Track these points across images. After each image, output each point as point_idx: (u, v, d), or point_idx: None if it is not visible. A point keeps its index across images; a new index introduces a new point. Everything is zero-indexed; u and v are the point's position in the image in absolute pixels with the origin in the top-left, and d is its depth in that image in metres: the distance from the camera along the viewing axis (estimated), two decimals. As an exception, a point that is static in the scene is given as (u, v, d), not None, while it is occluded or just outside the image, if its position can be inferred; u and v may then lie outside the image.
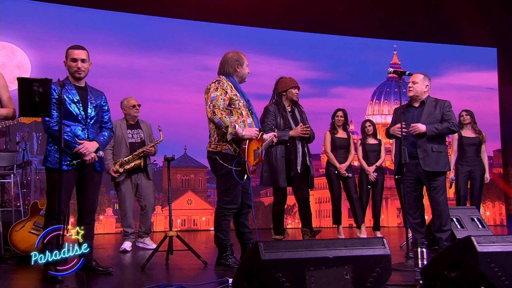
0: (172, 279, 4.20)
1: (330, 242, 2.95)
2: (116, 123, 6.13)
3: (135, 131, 6.25)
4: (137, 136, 6.23)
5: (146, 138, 6.24)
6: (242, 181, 4.40)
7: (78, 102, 4.21)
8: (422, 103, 5.33)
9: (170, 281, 4.06)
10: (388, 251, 2.99)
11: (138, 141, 6.21)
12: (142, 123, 6.35)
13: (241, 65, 4.60)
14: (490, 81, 11.68)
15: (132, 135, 6.22)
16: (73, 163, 4.10)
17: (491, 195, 11.37)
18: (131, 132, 6.23)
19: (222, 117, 4.26)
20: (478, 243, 3.07)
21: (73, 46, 4.37)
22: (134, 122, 6.30)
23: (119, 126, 6.17)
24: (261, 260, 2.72)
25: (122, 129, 6.18)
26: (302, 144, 5.85)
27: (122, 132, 6.16)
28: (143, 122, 6.39)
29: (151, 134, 6.33)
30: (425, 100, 5.32)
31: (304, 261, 2.80)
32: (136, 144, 6.17)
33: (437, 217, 5.17)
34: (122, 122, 6.24)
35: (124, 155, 6.10)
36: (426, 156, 5.17)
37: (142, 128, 6.30)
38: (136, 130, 6.26)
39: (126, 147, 6.13)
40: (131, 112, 6.24)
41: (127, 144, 6.14)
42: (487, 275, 3.02)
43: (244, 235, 4.65)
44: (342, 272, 2.87)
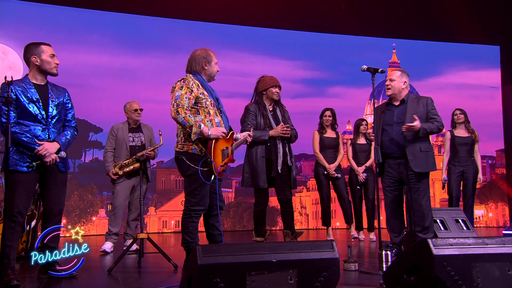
0: (136, 283, 4.11)
1: (276, 245, 2.84)
2: (118, 126, 6.34)
3: (136, 135, 6.32)
4: (138, 139, 6.31)
5: (146, 141, 6.30)
6: (209, 182, 4.27)
7: (38, 101, 4.11)
8: (402, 101, 5.16)
9: (131, 285, 3.98)
10: (337, 254, 2.87)
11: (139, 145, 6.28)
12: (144, 127, 6.42)
13: (209, 63, 4.48)
14: (493, 80, 11.42)
15: (133, 139, 6.29)
16: (32, 164, 4.00)
17: (494, 196, 11.13)
18: (132, 136, 6.30)
19: (186, 116, 4.14)
20: (435, 246, 2.95)
21: (43, 42, 4.30)
22: (136, 125, 6.36)
23: (121, 129, 6.30)
24: (198, 264, 2.61)
25: (123, 132, 6.28)
26: (283, 144, 5.72)
27: (123, 136, 6.26)
28: (145, 126, 6.45)
29: (152, 138, 6.37)
30: (406, 98, 5.15)
31: (244, 265, 2.69)
32: (136, 148, 6.23)
33: (420, 218, 4.99)
34: (124, 126, 6.35)
35: (125, 158, 6.19)
36: (415, 156, 4.99)
37: (144, 132, 6.36)
38: (137, 133, 6.33)
39: (126, 150, 6.22)
40: (133, 116, 6.32)
41: (128, 147, 6.23)
42: (443, 279, 2.89)
43: (215, 237, 4.52)
44: (286, 277, 2.75)
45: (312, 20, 10.32)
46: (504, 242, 3.08)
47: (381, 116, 5.13)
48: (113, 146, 6.27)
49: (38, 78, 4.22)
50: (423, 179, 5.03)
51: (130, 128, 6.32)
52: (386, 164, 5.11)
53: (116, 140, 6.25)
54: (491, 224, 10.96)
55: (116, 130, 6.31)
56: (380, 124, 5.11)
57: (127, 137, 6.25)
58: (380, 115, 5.15)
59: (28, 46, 4.25)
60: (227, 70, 9.67)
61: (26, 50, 4.24)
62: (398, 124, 5.05)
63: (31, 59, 4.20)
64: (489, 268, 2.99)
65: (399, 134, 5.02)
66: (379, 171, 5.12)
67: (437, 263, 2.89)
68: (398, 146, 5.06)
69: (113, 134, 6.30)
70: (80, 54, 8.91)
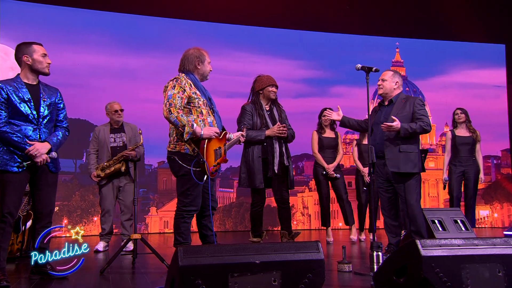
0: (126, 284, 4.08)
1: (260, 247, 2.79)
2: (100, 128, 6.35)
3: (118, 135, 6.28)
4: (120, 140, 6.27)
5: (128, 141, 6.25)
6: (202, 182, 4.24)
7: (29, 101, 4.08)
8: (391, 101, 5.13)
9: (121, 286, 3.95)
10: (322, 255, 2.82)
11: (120, 145, 6.25)
12: (126, 126, 6.36)
13: (202, 62, 4.44)
14: (498, 79, 11.32)
15: (114, 139, 6.26)
16: (23, 164, 3.98)
17: (499, 197, 11.03)
18: (114, 136, 6.27)
19: (179, 116, 4.11)
20: (423, 247, 2.89)
21: (34, 42, 4.27)
22: (118, 126, 6.33)
23: (102, 130, 6.30)
24: (179, 266, 2.57)
25: (104, 133, 6.27)
26: (280, 143, 5.68)
27: (104, 137, 6.24)
28: (128, 125, 6.40)
29: (137, 136, 6.25)
30: (394, 98, 5.12)
31: (227, 267, 2.64)
32: (117, 148, 6.21)
33: (411, 220, 4.96)
34: (106, 127, 6.33)
35: (106, 159, 6.17)
36: (392, 156, 4.96)
37: (126, 132, 6.31)
38: (119, 134, 6.29)
39: (107, 151, 6.21)
40: (114, 117, 6.29)
41: (109, 149, 6.21)
42: (431, 280, 2.83)
43: (208, 238, 4.49)
44: (270, 278, 2.71)
45: (314, 19, 10.27)
46: (495, 243, 3.02)
47: (373, 115, 5.12)
48: (96, 148, 6.28)
49: (30, 77, 4.19)
50: (405, 179, 4.98)
51: (112, 129, 6.29)
52: (376, 164, 5.08)
53: (98, 142, 6.26)
54: (496, 225, 10.86)
55: (98, 132, 6.31)
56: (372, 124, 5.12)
57: (108, 138, 6.23)
58: (373, 115, 5.15)
59: (19, 45, 4.23)
60: (228, 70, 9.66)
61: (18, 49, 4.22)
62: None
63: (22, 58, 4.18)
64: (478, 269, 2.93)
65: (383, 134, 5.00)
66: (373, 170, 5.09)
67: (425, 264, 2.84)
68: (382, 146, 5.06)
69: (95, 136, 6.30)
70: (80, 54, 8.92)
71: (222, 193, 9.95)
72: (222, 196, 9.93)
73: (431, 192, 11.17)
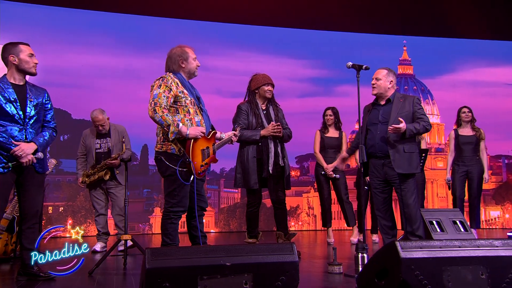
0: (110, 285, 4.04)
1: (231, 248, 2.72)
2: (87, 132, 6.32)
3: (103, 141, 6.25)
4: (105, 145, 6.24)
5: (113, 147, 6.19)
6: (188, 182, 4.19)
7: (15, 101, 4.06)
8: (388, 100, 5.01)
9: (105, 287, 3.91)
10: (296, 258, 2.74)
11: (105, 151, 6.23)
12: (113, 130, 6.28)
13: (185, 60, 4.37)
14: (509, 76, 11.11)
15: (100, 145, 6.25)
16: (8, 165, 3.96)
17: (511, 197, 10.82)
18: (99, 142, 6.25)
19: (164, 115, 4.05)
20: (402, 248, 2.80)
21: (21, 42, 4.26)
22: (106, 131, 6.25)
23: (88, 135, 6.29)
24: (146, 268, 2.52)
25: (90, 138, 6.26)
26: (275, 143, 5.58)
27: (90, 142, 6.24)
28: (115, 127, 6.32)
29: (124, 138, 6.04)
30: (392, 97, 5.01)
31: (196, 269, 2.58)
32: (102, 154, 6.20)
33: (408, 220, 4.86)
34: (92, 131, 6.31)
35: (91, 165, 6.18)
36: (398, 157, 4.84)
37: (112, 137, 6.24)
38: (104, 139, 6.26)
39: (92, 157, 6.21)
40: (97, 128, 6.22)
41: (93, 154, 6.20)
42: (410, 283, 2.75)
43: (197, 239, 4.43)
44: (241, 281, 2.64)
45: (319, 18, 10.16)
46: (479, 245, 2.92)
47: (366, 115, 5.01)
48: (84, 152, 6.28)
49: (16, 77, 4.18)
50: (408, 179, 4.89)
51: (97, 134, 6.25)
52: (371, 164, 4.99)
53: (85, 146, 6.25)
54: (508, 226, 10.65)
55: (85, 136, 6.28)
56: (365, 124, 5.00)
57: (93, 144, 6.22)
58: (366, 114, 5.04)
59: (5, 45, 4.22)
60: (232, 70, 9.60)
61: (4, 49, 4.21)
62: (383, 123, 4.92)
63: (9, 58, 4.17)
64: (461, 271, 2.83)
65: (383, 134, 4.89)
66: (364, 171, 5.00)
67: (404, 266, 2.75)
68: (382, 146, 4.93)
69: (83, 141, 6.29)
70: (83, 55, 8.92)
71: (227, 193, 9.89)
72: (226, 196, 9.87)
73: (440, 192, 11.00)
